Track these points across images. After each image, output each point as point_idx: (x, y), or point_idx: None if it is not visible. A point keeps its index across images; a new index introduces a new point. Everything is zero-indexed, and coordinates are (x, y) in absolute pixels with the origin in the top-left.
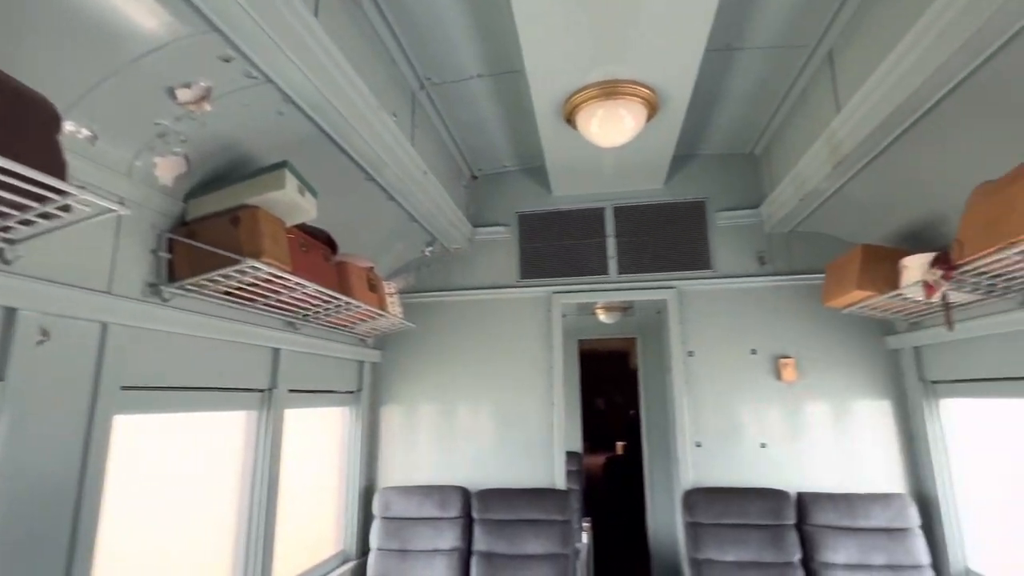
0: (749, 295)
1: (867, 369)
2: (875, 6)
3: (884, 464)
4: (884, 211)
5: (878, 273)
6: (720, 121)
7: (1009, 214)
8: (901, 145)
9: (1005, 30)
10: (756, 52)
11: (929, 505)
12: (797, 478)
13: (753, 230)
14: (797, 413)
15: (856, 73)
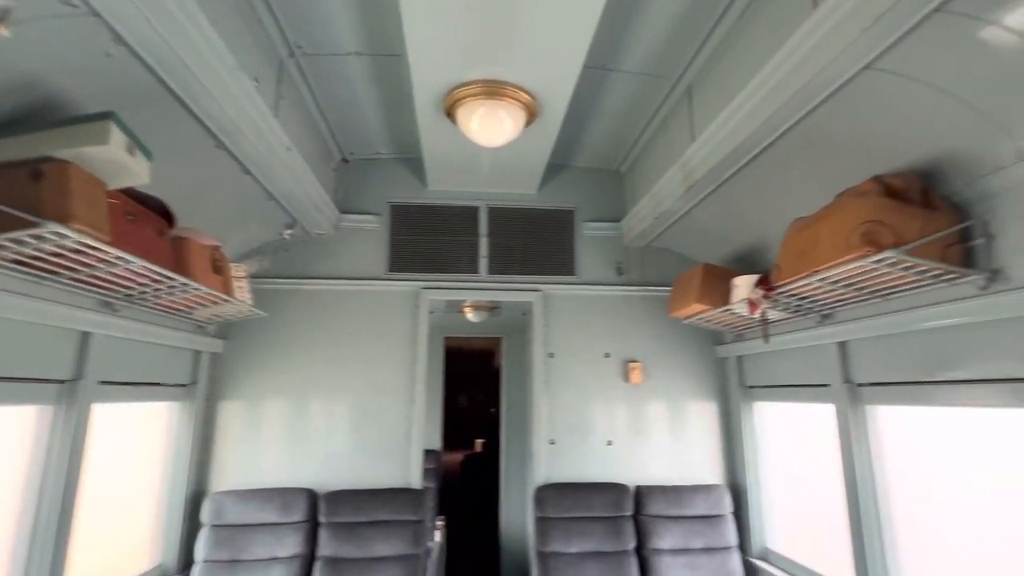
0: (607, 302)
1: (700, 374)
2: (727, 53)
3: (708, 458)
4: (723, 235)
5: (714, 289)
6: (592, 136)
7: (815, 247)
8: (739, 178)
9: (821, 91)
10: (628, 75)
11: (740, 494)
12: (637, 472)
13: (614, 242)
14: (641, 413)
15: (709, 109)
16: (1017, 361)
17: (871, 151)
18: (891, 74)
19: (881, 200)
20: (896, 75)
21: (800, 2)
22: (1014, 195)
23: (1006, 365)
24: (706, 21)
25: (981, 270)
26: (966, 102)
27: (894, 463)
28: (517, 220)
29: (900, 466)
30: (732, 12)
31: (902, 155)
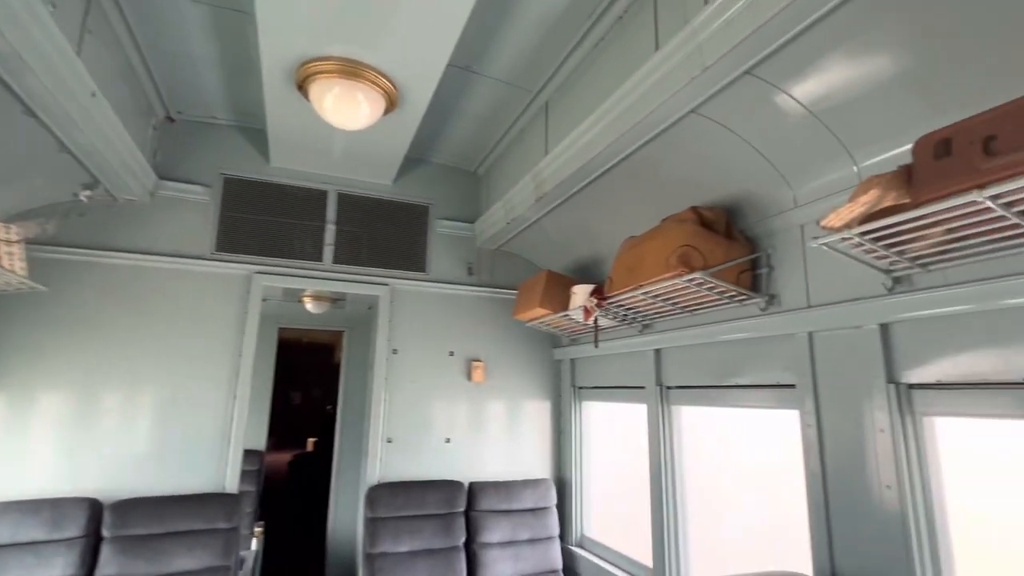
0: (455, 301)
1: (538, 375)
2: (582, 78)
3: (539, 454)
4: (567, 245)
5: (556, 295)
6: (452, 135)
7: (641, 264)
8: (585, 194)
9: (656, 126)
10: (492, 81)
11: (564, 487)
12: (473, 469)
13: (466, 242)
14: (480, 411)
15: (562, 127)
16: (782, 371)
17: (691, 184)
18: (711, 120)
19: (695, 228)
20: (714, 122)
21: (645, 43)
22: (789, 235)
23: (775, 374)
24: (566, 43)
25: (763, 294)
26: (761, 153)
27: (690, 455)
28: (369, 210)
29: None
30: (589, 39)
31: (714, 191)
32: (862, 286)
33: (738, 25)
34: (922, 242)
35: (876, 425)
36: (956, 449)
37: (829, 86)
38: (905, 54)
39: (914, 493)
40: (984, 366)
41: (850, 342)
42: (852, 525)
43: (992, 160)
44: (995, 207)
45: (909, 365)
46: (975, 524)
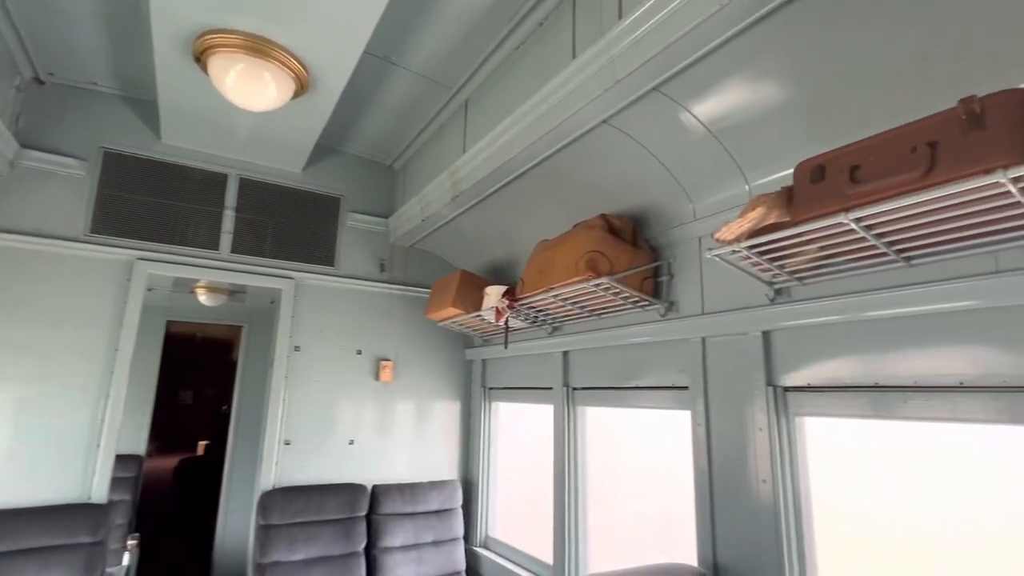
0: (365, 298)
1: (449, 375)
2: (502, 79)
3: (447, 455)
4: (482, 245)
5: (469, 296)
6: (369, 127)
7: (552, 267)
8: (501, 196)
9: (571, 133)
10: (411, 75)
11: (471, 488)
12: (378, 471)
13: (379, 237)
14: (387, 411)
15: (480, 127)
16: (677, 373)
17: (602, 192)
18: (621, 132)
19: (604, 235)
20: (625, 134)
21: (563, 51)
22: (688, 246)
23: (671, 376)
24: (487, 43)
25: (664, 301)
26: (666, 167)
27: (593, 455)
28: (275, 198)
29: (597, 457)
30: (510, 41)
31: (623, 200)
32: (749, 296)
33: (648, 43)
34: (799, 257)
35: (756, 424)
36: (821, 445)
37: (727, 108)
38: (792, 86)
39: (785, 486)
40: (845, 371)
41: (737, 347)
42: (732, 517)
43: (856, 187)
44: (858, 229)
45: (785, 369)
46: (832, 511)
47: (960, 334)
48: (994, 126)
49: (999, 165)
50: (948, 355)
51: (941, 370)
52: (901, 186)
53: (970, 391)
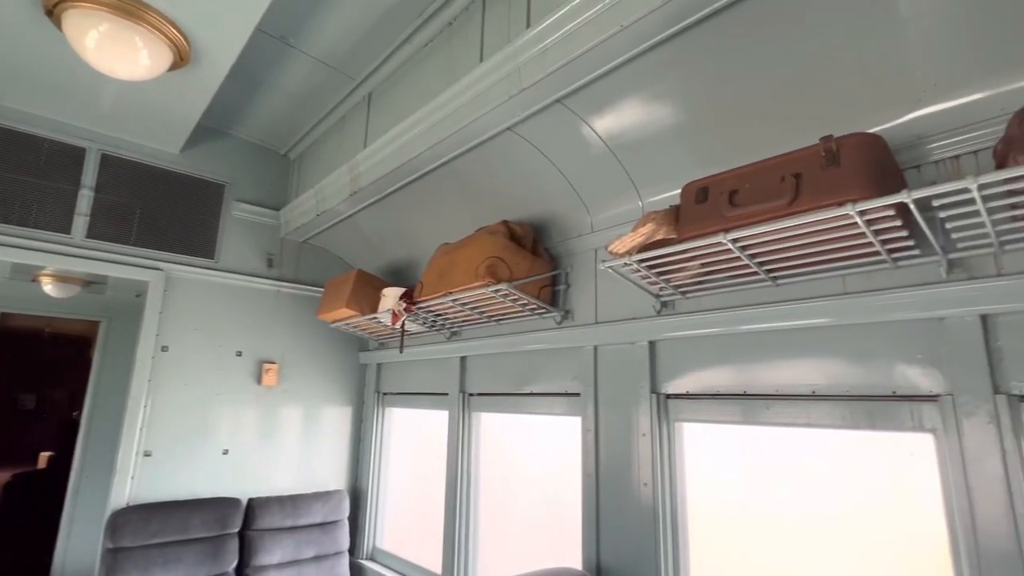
0: (249, 295)
1: (341, 379)
2: (408, 75)
3: (335, 464)
4: (383, 245)
5: (365, 297)
6: (262, 111)
7: (452, 271)
8: (403, 195)
9: (475, 137)
10: (311, 60)
11: (359, 497)
12: (256, 483)
13: (269, 231)
14: (270, 418)
15: (384, 122)
16: (571, 380)
17: (505, 198)
18: (525, 140)
19: (505, 241)
20: (528, 142)
21: (471, 53)
22: (585, 256)
23: (565, 383)
24: (394, 37)
25: (560, 309)
26: (567, 178)
27: (487, 461)
28: (145, 180)
29: (490, 463)
30: (418, 38)
31: (525, 207)
32: (638, 307)
33: (553, 54)
34: (683, 273)
35: (640, 430)
36: (697, 449)
37: (625, 126)
38: (682, 111)
39: (664, 489)
40: (719, 380)
41: (626, 356)
42: (616, 520)
43: (734, 210)
44: (734, 248)
45: (667, 378)
46: (706, 510)
47: (814, 348)
48: (847, 164)
49: (849, 199)
50: (804, 367)
51: (798, 380)
52: (771, 212)
53: (821, 399)
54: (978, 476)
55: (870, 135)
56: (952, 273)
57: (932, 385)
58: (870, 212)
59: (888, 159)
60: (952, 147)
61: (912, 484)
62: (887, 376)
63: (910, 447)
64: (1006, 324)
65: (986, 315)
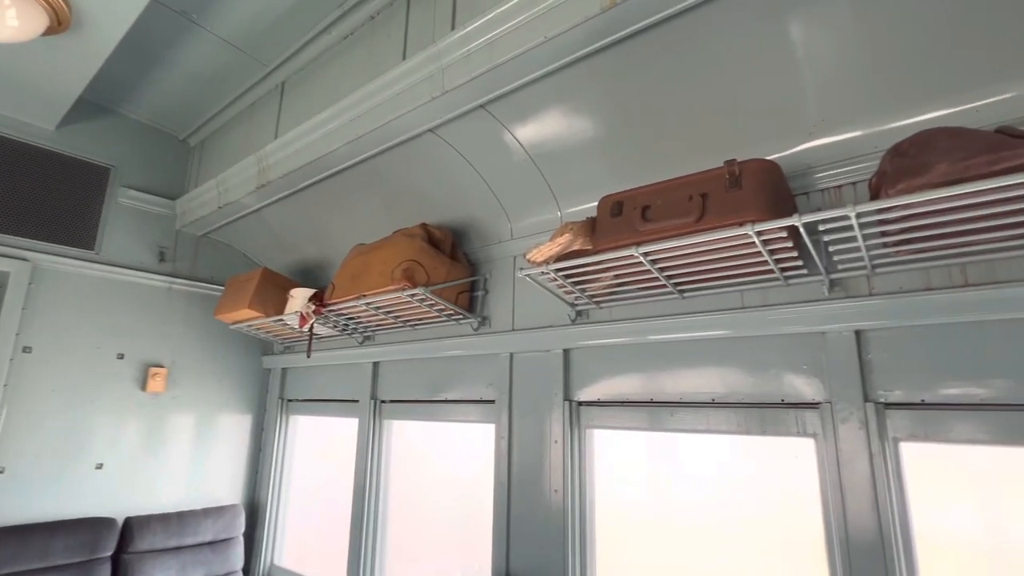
0: (136, 292)
1: (241, 385)
2: (326, 67)
3: (231, 477)
4: (294, 243)
5: (270, 297)
6: (160, 90)
7: (366, 273)
8: (316, 191)
9: (396, 136)
10: (218, 40)
11: (257, 512)
12: (135, 500)
13: (162, 222)
14: (155, 428)
15: (297, 114)
16: (486, 387)
17: (426, 201)
18: (447, 143)
19: (423, 245)
20: (450, 146)
21: (393, 50)
22: (504, 263)
23: (480, 390)
24: (313, 25)
25: (478, 315)
26: (488, 184)
27: (397, 470)
28: (10, 157)
29: (401, 473)
30: (338, 29)
31: (446, 211)
32: (554, 315)
33: (477, 60)
34: (598, 283)
35: (553, 437)
36: (610, 454)
37: (546, 136)
38: (602, 125)
39: (574, 494)
40: (629, 388)
41: (541, 364)
42: (526, 527)
43: (646, 224)
44: (645, 262)
45: (580, 385)
46: (612, 515)
47: (715, 358)
48: (748, 187)
49: (748, 219)
50: (705, 376)
51: (699, 388)
52: (678, 228)
53: (719, 407)
54: (850, 476)
55: (768, 161)
56: (833, 291)
57: (814, 393)
58: (766, 233)
59: (783, 185)
60: (836, 177)
61: (795, 484)
62: (777, 385)
63: (795, 450)
64: (876, 339)
65: (859, 330)
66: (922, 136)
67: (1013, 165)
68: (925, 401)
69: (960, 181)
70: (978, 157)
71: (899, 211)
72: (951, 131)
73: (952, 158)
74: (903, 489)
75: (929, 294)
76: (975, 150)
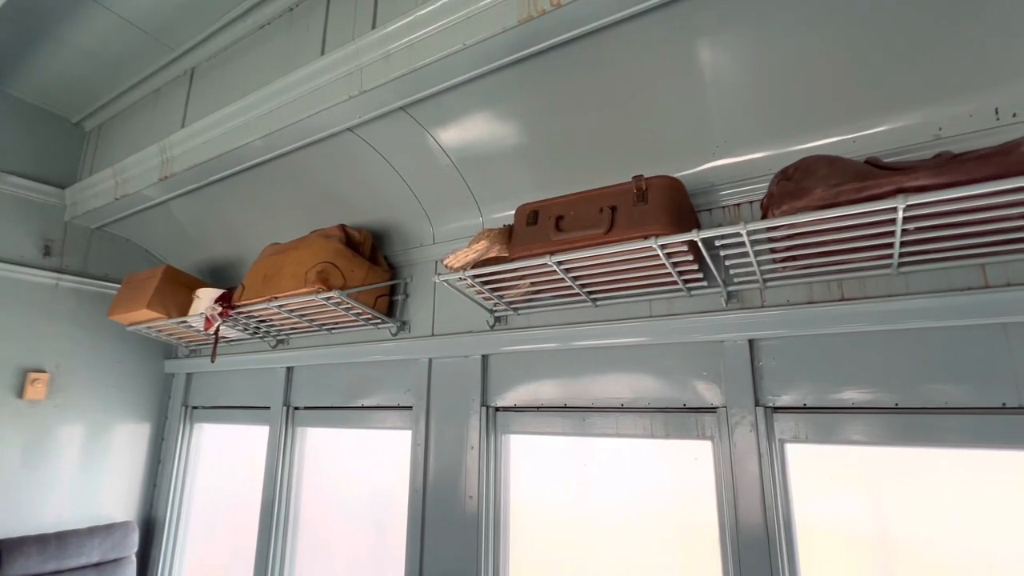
0: (14, 288)
1: (139, 391)
2: (239, 56)
3: (124, 491)
4: (200, 240)
5: (173, 297)
6: (48, 67)
7: (279, 274)
8: (227, 187)
9: (312, 133)
10: (116, 18)
11: (154, 529)
12: (8, 521)
13: (48, 211)
14: (34, 439)
15: (207, 103)
16: (404, 393)
17: (345, 201)
18: (367, 143)
19: (340, 247)
20: (370, 146)
21: (312, 44)
22: (425, 268)
23: (398, 396)
24: (225, 10)
25: (397, 320)
26: (410, 187)
27: (310, 481)
28: None
29: (313, 484)
30: (253, 17)
31: (366, 213)
32: (473, 321)
33: (397, 61)
34: (515, 290)
35: (470, 443)
36: (525, 459)
37: (469, 142)
38: (524, 134)
39: (489, 500)
40: (544, 393)
41: (459, 369)
42: (441, 534)
43: (560, 234)
44: (558, 270)
45: (498, 391)
46: (526, 518)
47: (625, 365)
48: (653, 202)
49: (653, 233)
50: (616, 382)
51: (610, 394)
52: (589, 239)
53: (628, 411)
54: (741, 475)
55: (673, 179)
56: (730, 303)
57: (712, 398)
58: (669, 246)
59: (685, 201)
60: (735, 196)
61: (694, 483)
62: (680, 391)
63: (695, 452)
64: (766, 347)
65: (752, 339)
66: (805, 162)
67: (875, 193)
68: (807, 405)
69: (833, 205)
70: (848, 184)
71: (784, 230)
72: (829, 159)
73: (827, 184)
74: (787, 486)
75: (812, 307)
76: (846, 178)
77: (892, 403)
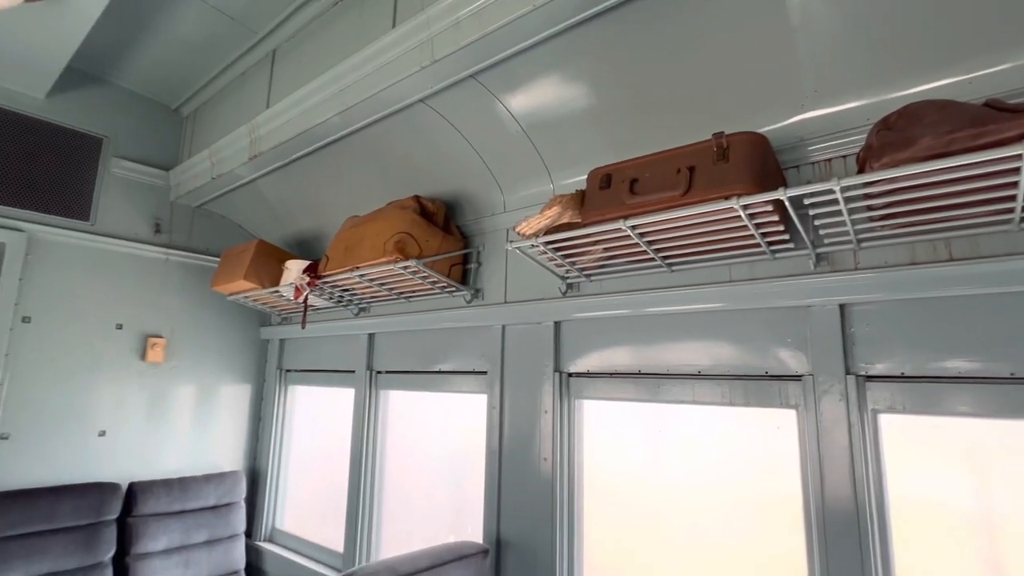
0: (132, 263)
1: (240, 355)
2: (317, 34)
3: (232, 444)
4: (288, 214)
5: (266, 269)
6: (149, 58)
7: (360, 245)
8: (310, 162)
9: (386, 107)
10: (205, 6)
11: (258, 478)
12: (137, 466)
13: (157, 193)
14: (156, 397)
15: (288, 82)
16: (479, 359)
17: (419, 172)
18: (438, 114)
19: (415, 217)
20: (441, 116)
21: (383, 18)
22: (497, 236)
23: (473, 361)
24: None
25: (471, 288)
26: (481, 156)
27: (393, 439)
28: (2, 126)
29: (397, 441)
30: None
31: (439, 183)
32: (545, 288)
33: (467, 28)
34: (587, 256)
35: (543, 407)
36: (599, 424)
37: (538, 107)
38: (595, 96)
39: (563, 463)
40: (617, 360)
41: (532, 336)
42: (516, 494)
43: (634, 198)
44: (633, 235)
45: (570, 357)
46: (599, 482)
47: (702, 331)
48: (735, 160)
49: (735, 193)
50: (692, 349)
51: (687, 361)
52: (666, 201)
53: (705, 378)
54: (829, 447)
55: (756, 135)
56: (819, 266)
57: (797, 366)
58: (752, 206)
59: (771, 158)
60: (826, 151)
61: (776, 453)
62: (762, 358)
63: (777, 421)
64: (859, 313)
65: (844, 304)
66: (910, 109)
67: (996, 139)
68: (905, 374)
69: (944, 155)
70: (963, 131)
71: (883, 185)
72: (940, 104)
73: (937, 131)
74: (880, 460)
75: (914, 268)
76: (960, 124)
77: (1007, 372)
